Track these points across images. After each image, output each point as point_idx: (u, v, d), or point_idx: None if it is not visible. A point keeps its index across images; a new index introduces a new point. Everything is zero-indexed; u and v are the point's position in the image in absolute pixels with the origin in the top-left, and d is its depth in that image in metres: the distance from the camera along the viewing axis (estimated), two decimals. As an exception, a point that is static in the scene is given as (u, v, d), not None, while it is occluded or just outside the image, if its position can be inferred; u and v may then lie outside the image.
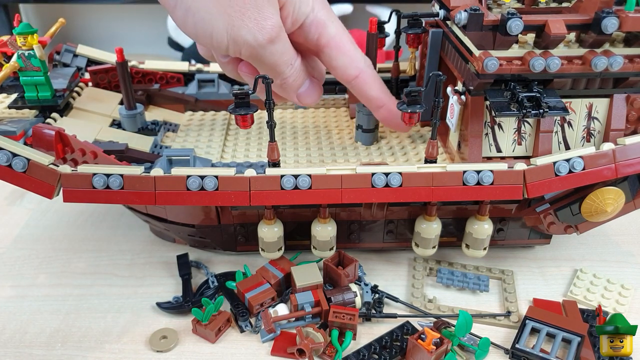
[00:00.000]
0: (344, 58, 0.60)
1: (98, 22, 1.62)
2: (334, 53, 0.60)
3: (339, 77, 0.62)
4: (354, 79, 0.62)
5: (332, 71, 0.62)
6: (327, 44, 0.59)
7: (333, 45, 0.59)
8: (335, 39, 0.59)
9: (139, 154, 0.66)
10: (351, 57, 0.60)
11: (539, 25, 0.55)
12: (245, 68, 0.59)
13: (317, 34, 0.58)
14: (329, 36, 0.58)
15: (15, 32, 0.64)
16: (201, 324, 0.59)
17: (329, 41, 0.59)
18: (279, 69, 0.57)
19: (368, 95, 0.63)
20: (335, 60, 0.60)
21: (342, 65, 0.61)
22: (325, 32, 0.58)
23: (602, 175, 0.56)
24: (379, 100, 0.63)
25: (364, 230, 0.67)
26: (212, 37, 0.53)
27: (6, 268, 0.71)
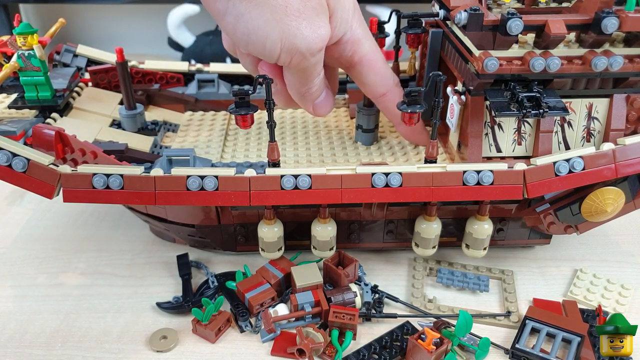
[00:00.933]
0: (375, 76, 0.61)
1: (98, 22, 1.62)
2: (366, 70, 0.61)
3: (367, 93, 0.64)
4: (381, 97, 0.63)
5: (362, 87, 0.64)
6: (359, 62, 0.60)
7: (365, 63, 0.60)
8: (369, 57, 0.60)
9: (139, 154, 0.66)
10: (382, 75, 0.62)
11: (539, 25, 0.55)
12: (266, 67, 0.59)
13: (352, 51, 0.59)
14: (363, 53, 0.59)
15: (15, 32, 0.64)
16: (201, 324, 0.59)
17: (362, 59, 0.60)
18: (310, 78, 0.57)
19: (393, 112, 0.64)
20: (366, 77, 0.62)
21: (372, 83, 0.62)
22: (360, 49, 0.59)
23: (602, 175, 0.56)
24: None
25: (364, 230, 0.67)
26: (265, 46, 0.52)
27: (6, 268, 0.71)
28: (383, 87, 0.62)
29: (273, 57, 0.53)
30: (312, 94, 0.60)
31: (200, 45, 1.32)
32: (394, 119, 0.67)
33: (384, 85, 0.62)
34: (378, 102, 0.65)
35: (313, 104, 0.62)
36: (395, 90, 0.63)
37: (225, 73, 0.81)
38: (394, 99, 0.63)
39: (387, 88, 0.63)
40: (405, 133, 0.68)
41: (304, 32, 0.51)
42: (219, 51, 1.28)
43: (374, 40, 0.61)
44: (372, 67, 0.61)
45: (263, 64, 0.59)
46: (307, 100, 0.61)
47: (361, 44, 0.59)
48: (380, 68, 0.61)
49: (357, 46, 0.59)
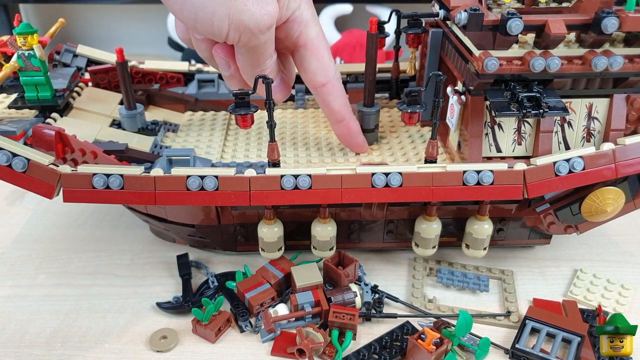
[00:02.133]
0: (317, 63, 0.61)
1: (98, 22, 1.62)
2: (309, 55, 0.60)
3: (307, 81, 0.63)
4: (321, 87, 0.62)
5: (302, 73, 0.62)
6: (304, 44, 0.59)
7: (310, 47, 0.59)
8: (314, 42, 0.59)
9: (139, 154, 0.66)
10: (324, 64, 0.61)
11: (539, 25, 0.55)
12: (220, 50, 0.58)
13: (299, 31, 0.58)
14: (308, 37, 0.59)
15: (15, 32, 0.64)
16: (201, 324, 0.59)
17: (307, 42, 0.59)
18: (262, 58, 0.56)
19: (330, 107, 0.64)
20: (308, 62, 0.61)
21: (313, 70, 0.61)
22: (306, 31, 0.58)
23: (602, 175, 0.56)
24: (340, 115, 0.64)
25: (364, 230, 0.67)
26: (213, 24, 0.51)
27: (6, 268, 0.71)
28: (323, 77, 0.61)
29: (222, 34, 0.52)
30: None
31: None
32: (330, 115, 0.65)
33: (325, 75, 0.61)
34: (317, 93, 0.63)
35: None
36: (335, 84, 0.62)
37: (225, 73, 0.81)
38: (333, 92, 0.62)
39: (327, 79, 0.62)
40: (340, 134, 0.67)
41: (251, 8, 0.51)
42: (219, 51, 1.28)
43: (321, 28, 0.60)
44: (315, 53, 0.60)
45: (217, 46, 0.58)
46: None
47: (309, 26, 0.58)
48: (324, 57, 0.61)
49: (304, 28, 0.58)
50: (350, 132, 0.66)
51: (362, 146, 0.68)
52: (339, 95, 0.63)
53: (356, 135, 0.67)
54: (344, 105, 0.64)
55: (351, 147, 0.68)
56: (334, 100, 0.63)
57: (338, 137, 0.68)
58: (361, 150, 0.68)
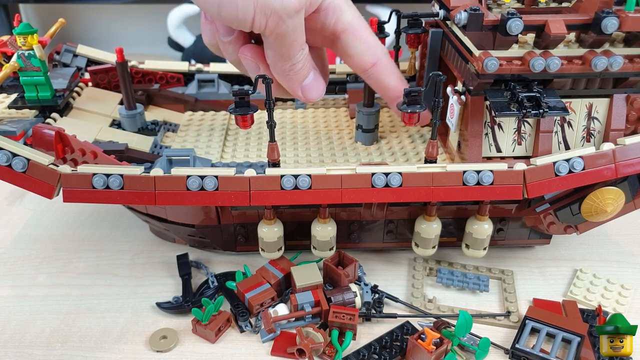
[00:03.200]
0: (361, 45, 0.58)
1: (98, 22, 1.62)
2: (351, 39, 0.57)
3: (355, 66, 0.60)
4: (371, 67, 0.59)
5: (348, 60, 0.60)
6: (343, 30, 0.57)
7: (350, 31, 0.57)
8: (353, 25, 0.57)
9: (139, 154, 0.66)
10: (368, 44, 0.58)
11: (539, 25, 0.55)
12: (247, 51, 0.56)
13: (334, 18, 0.56)
14: (346, 22, 0.56)
15: (15, 32, 0.64)
16: (201, 324, 0.59)
17: (346, 27, 0.57)
18: (292, 49, 0.53)
19: (385, 85, 0.61)
20: (352, 47, 0.58)
21: (360, 53, 0.58)
22: (342, 17, 0.56)
23: (602, 175, 0.56)
24: (397, 90, 0.61)
25: (364, 230, 0.67)
26: (238, 7, 0.48)
27: (6, 268, 0.71)
28: (372, 56, 0.59)
29: (247, 20, 0.49)
30: (297, 73, 0.56)
31: (200, 45, 1.32)
32: (386, 93, 0.62)
33: (373, 54, 0.59)
34: (368, 76, 0.60)
35: (301, 86, 0.58)
36: (385, 60, 0.60)
37: (225, 73, 0.81)
38: (385, 70, 0.60)
39: (377, 57, 0.59)
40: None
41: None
42: (219, 51, 1.28)
43: (356, 9, 0.58)
44: (358, 36, 0.57)
45: (244, 49, 0.56)
46: (294, 80, 0.57)
47: (343, 11, 0.56)
48: (366, 37, 0.58)
49: (339, 13, 0.56)
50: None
51: (426, 117, 0.63)
52: (392, 71, 0.60)
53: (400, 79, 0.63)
54: (399, 79, 0.61)
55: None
56: (387, 77, 0.60)
57: (399, 115, 0.63)
58: (426, 121, 0.64)
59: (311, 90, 0.59)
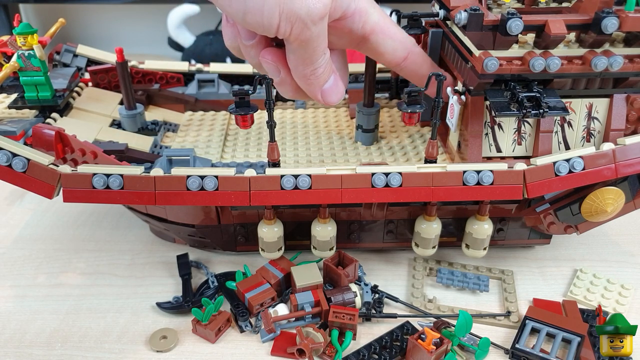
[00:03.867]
0: (391, 42, 0.59)
1: (98, 22, 1.62)
2: (381, 38, 0.59)
3: (387, 62, 0.62)
4: (404, 61, 0.61)
5: (380, 57, 0.61)
6: (372, 31, 0.58)
7: (379, 31, 0.58)
8: (380, 25, 0.58)
9: (139, 154, 0.66)
10: (398, 39, 0.60)
11: (539, 25, 0.55)
12: (269, 55, 0.56)
13: (362, 22, 0.57)
14: (374, 23, 0.58)
15: (15, 32, 0.64)
16: (201, 324, 0.59)
17: (374, 28, 0.58)
18: (315, 55, 0.54)
19: (420, 74, 0.62)
20: (383, 45, 0.59)
21: (391, 49, 0.60)
22: (370, 19, 0.57)
23: (602, 175, 0.56)
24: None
25: (364, 230, 0.67)
26: (263, 13, 0.48)
27: (6, 268, 0.71)
28: (403, 51, 0.61)
29: (272, 26, 0.50)
30: (318, 77, 0.57)
31: (200, 45, 1.32)
32: (422, 82, 0.62)
33: (404, 49, 0.61)
34: (402, 69, 0.62)
35: (321, 90, 0.58)
36: (416, 51, 0.62)
37: (225, 73, 0.81)
38: (417, 60, 0.62)
39: (408, 50, 0.61)
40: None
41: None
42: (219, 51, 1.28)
43: (380, 9, 0.59)
44: (388, 34, 0.59)
45: (265, 52, 0.56)
46: (314, 84, 0.57)
47: (369, 13, 0.57)
48: (395, 33, 0.60)
49: (366, 16, 0.57)
50: (447, 85, 0.64)
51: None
52: (424, 60, 0.62)
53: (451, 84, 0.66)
54: (432, 66, 0.63)
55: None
56: (420, 67, 0.62)
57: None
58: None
59: (331, 94, 0.59)
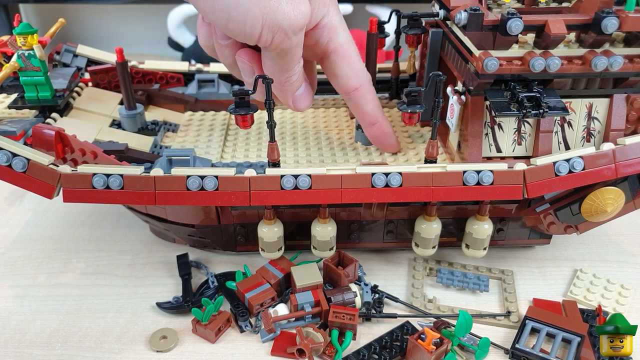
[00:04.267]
0: (348, 68, 0.60)
1: (98, 22, 1.62)
2: (340, 61, 0.60)
3: (339, 87, 0.63)
4: (354, 91, 0.62)
5: (334, 79, 0.62)
6: (334, 50, 0.59)
7: (341, 53, 0.59)
8: (344, 47, 0.59)
9: (139, 154, 0.66)
10: (355, 68, 0.61)
11: (539, 25, 0.55)
12: (244, 55, 0.57)
13: (328, 37, 0.58)
14: (339, 42, 0.59)
15: (15, 32, 0.64)
16: (201, 324, 0.59)
17: (337, 48, 0.59)
18: (291, 63, 0.55)
19: (364, 110, 0.63)
20: (340, 68, 0.60)
21: (345, 75, 0.61)
22: (336, 37, 0.58)
23: (602, 175, 0.56)
24: (373, 118, 0.64)
25: (364, 230, 0.67)
26: (246, 23, 0.50)
27: (6, 268, 0.71)
28: (356, 81, 0.61)
29: (254, 34, 0.51)
30: (292, 84, 0.58)
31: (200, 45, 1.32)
32: (364, 119, 0.65)
33: (357, 80, 0.61)
34: (350, 98, 0.63)
35: (293, 97, 0.60)
36: (368, 87, 0.62)
37: (225, 73, 0.81)
38: (366, 95, 0.62)
39: (360, 82, 0.61)
40: (374, 136, 0.66)
41: (285, 7, 0.50)
42: (219, 51, 1.28)
43: (349, 34, 0.60)
44: (347, 58, 0.60)
45: (241, 52, 0.57)
46: (287, 91, 0.59)
47: (338, 32, 0.58)
48: (355, 61, 0.61)
49: (334, 33, 0.58)
50: (384, 134, 0.66)
51: (395, 146, 0.68)
52: (371, 99, 0.63)
53: (390, 136, 0.67)
54: (377, 107, 0.64)
55: (385, 147, 0.68)
56: (366, 103, 0.63)
57: (371, 140, 0.67)
58: (395, 149, 0.68)
59: (302, 100, 0.61)
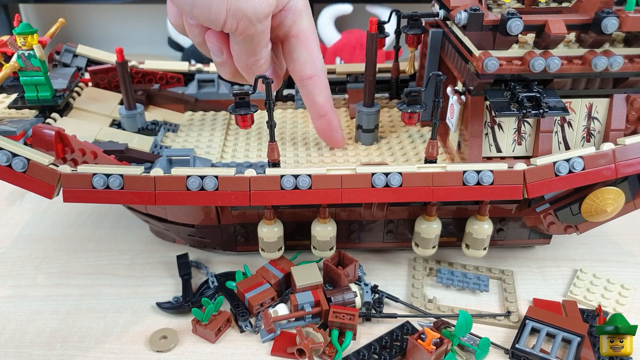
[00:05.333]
0: (306, 54, 0.61)
1: (98, 22, 1.62)
2: (299, 46, 0.60)
3: (294, 72, 0.63)
4: (308, 79, 0.62)
5: (290, 64, 0.62)
6: (296, 35, 0.59)
7: (301, 38, 0.60)
8: (305, 33, 0.59)
9: (139, 154, 0.66)
10: (313, 56, 0.61)
11: (539, 25, 0.55)
12: (213, 36, 0.57)
13: (292, 20, 0.58)
14: (301, 27, 0.59)
15: (15, 32, 0.64)
16: (201, 324, 0.59)
17: (299, 32, 0.59)
18: (258, 48, 0.56)
19: (315, 100, 0.64)
20: (298, 53, 0.60)
21: (303, 61, 0.61)
22: (300, 21, 0.58)
23: (602, 175, 0.56)
24: (323, 109, 0.65)
25: (364, 230, 0.67)
26: (211, 10, 0.51)
27: (6, 268, 0.71)
28: (311, 69, 0.62)
29: (219, 22, 0.51)
30: (259, 67, 0.58)
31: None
32: (314, 109, 0.65)
33: (313, 68, 0.61)
34: (302, 85, 0.63)
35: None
36: (322, 77, 0.63)
37: (225, 73, 0.81)
38: (319, 85, 0.62)
39: (315, 71, 0.62)
40: (321, 128, 0.67)
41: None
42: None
43: (313, 22, 0.61)
44: (306, 45, 0.60)
45: (210, 32, 0.57)
46: (254, 73, 0.59)
47: (302, 16, 0.58)
48: (313, 49, 0.61)
49: (298, 17, 0.58)
50: (331, 127, 0.66)
51: (340, 142, 0.68)
52: (324, 89, 0.64)
53: (336, 131, 0.67)
54: (328, 99, 0.64)
55: (330, 142, 0.68)
56: (319, 93, 0.63)
57: (318, 132, 0.68)
58: (339, 145, 0.69)
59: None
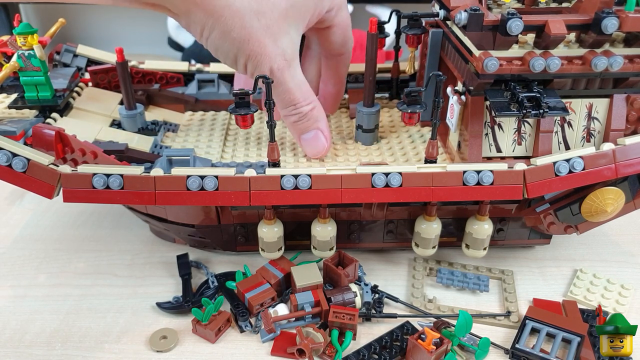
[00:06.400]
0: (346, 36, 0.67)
1: (98, 22, 1.62)
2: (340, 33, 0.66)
3: (329, 51, 0.68)
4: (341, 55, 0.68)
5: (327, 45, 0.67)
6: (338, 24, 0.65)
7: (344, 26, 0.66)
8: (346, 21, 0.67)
9: (139, 154, 0.66)
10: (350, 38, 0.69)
11: (539, 25, 0.55)
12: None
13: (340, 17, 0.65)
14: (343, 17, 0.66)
15: (15, 32, 0.64)
16: (201, 324, 0.59)
17: (341, 22, 0.66)
18: (285, 101, 0.60)
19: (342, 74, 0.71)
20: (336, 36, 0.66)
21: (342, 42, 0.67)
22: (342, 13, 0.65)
23: (602, 175, 0.56)
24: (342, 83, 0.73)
25: (364, 230, 0.67)
26: (231, 62, 0.58)
27: (6, 268, 0.71)
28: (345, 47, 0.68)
29: (240, 71, 0.59)
30: (294, 124, 0.62)
31: (200, 45, 1.32)
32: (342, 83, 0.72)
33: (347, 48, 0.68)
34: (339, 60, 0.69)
35: (299, 138, 0.64)
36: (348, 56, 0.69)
37: (225, 73, 0.81)
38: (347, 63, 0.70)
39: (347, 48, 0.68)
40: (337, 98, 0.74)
41: (269, 48, 0.56)
42: (219, 51, 1.28)
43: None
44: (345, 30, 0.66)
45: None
46: (291, 128, 0.63)
47: (342, 9, 0.65)
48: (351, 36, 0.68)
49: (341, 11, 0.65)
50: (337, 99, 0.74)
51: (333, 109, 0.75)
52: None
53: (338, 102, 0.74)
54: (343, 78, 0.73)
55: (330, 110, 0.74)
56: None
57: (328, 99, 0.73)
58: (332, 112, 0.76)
59: (307, 146, 0.65)
